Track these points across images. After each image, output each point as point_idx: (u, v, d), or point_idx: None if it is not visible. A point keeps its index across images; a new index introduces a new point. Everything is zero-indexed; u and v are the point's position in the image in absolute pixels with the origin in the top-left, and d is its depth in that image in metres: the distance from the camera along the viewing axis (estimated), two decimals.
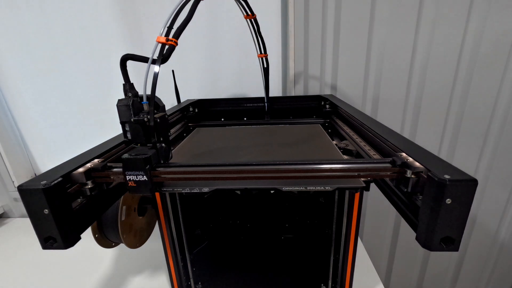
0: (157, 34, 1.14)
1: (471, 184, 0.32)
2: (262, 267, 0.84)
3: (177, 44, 0.53)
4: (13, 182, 1.21)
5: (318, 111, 1.00)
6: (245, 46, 1.04)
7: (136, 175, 0.43)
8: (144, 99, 0.49)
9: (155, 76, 0.49)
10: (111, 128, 1.16)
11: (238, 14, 1.03)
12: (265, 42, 0.83)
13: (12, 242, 1.10)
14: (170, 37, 0.51)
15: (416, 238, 0.37)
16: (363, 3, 1.03)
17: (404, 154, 0.42)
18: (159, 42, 0.51)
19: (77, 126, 1.18)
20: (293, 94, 1.18)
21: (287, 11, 1.08)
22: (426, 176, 0.36)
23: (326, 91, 1.16)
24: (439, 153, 1.18)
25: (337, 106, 0.87)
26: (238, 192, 0.86)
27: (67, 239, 0.37)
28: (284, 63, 1.14)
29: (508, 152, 1.13)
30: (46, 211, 0.35)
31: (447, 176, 0.32)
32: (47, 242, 0.37)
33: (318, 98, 0.99)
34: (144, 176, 0.43)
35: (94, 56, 1.09)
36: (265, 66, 0.95)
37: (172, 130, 0.83)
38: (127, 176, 0.43)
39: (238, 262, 0.87)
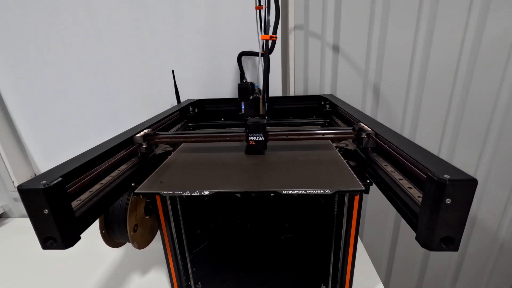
0: (158, 34, 1.16)
1: (471, 184, 0.32)
2: (262, 267, 0.84)
3: (277, 38, 0.68)
4: (13, 182, 1.21)
5: (318, 111, 1.00)
6: (246, 46, 1.04)
7: (256, 136, 0.59)
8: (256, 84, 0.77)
9: (265, 65, 0.66)
10: (111, 128, 1.16)
11: (238, 13, 1.03)
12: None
13: (12, 242, 1.10)
14: (271, 34, 0.66)
15: (416, 238, 0.37)
16: (363, 2, 1.03)
17: (361, 124, 0.59)
18: (264, 39, 0.65)
19: (76, 126, 1.18)
20: (293, 94, 1.18)
21: (287, 10, 1.08)
22: (374, 138, 0.54)
23: (326, 91, 1.16)
24: (439, 153, 1.18)
25: (336, 106, 0.87)
26: (238, 195, 0.86)
27: (67, 239, 0.37)
28: (284, 63, 1.14)
29: (508, 152, 1.13)
30: (46, 211, 0.35)
31: (447, 176, 0.32)
32: (47, 242, 0.37)
33: (318, 98, 0.99)
34: (262, 137, 0.59)
35: (93, 57, 1.09)
36: (266, 65, 0.95)
37: (171, 130, 0.83)
38: (250, 136, 0.59)
39: (238, 262, 0.86)
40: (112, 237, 0.64)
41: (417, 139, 1.17)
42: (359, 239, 0.69)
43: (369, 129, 0.56)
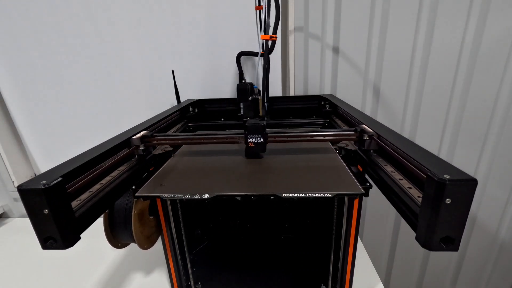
0: (157, 34, 1.16)
1: (471, 184, 0.32)
2: (262, 267, 0.84)
3: (277, 38, 0.68)
4: (13, 182, 1.21)
5: (318, 111, 1.00)
6: (246, 46, 1.04)
7: (255, 138, 0.57)
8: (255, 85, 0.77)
9: (264, 65, 0.66)
10: (111, 128, 1.16)
11: (238, 13, 1.03)
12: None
13: (12, 242, 1.10)
14: (271, 34, 0.66)
15: (416, 238, 0.37)
16: (363, 3, 1.03)
17: (363, 125, 0.59)
18: (264, 39, 0.65)
19: (76, 126, 1.18)
20: (293, 94, 1.18)
21: (287, 10, 1.08)
22: (377, 139, 0.53)
23: (326, 91, 1.16)
24: (439, 153, 1.18)
25: (336, 106, 0.87)
26: (239, 198, 0.86)
27: (67, 239, 0.37)
28: (284, 63, 1.14)
29: (508, 152, 1.13)
30: (46, 211, 0.35)
31: (446, 176, 0.32)
32: (47, 242, 0.37)
33: (318, 98, 0.99)
34: (261, 138, 0.57)
35: (93, 57, 1.09)
36: (266, 66, 0.95)
37: (171, 131, 0.83)
38: (249, 138, 0.57)
39: (238, 262, 0.86)
40: (117, 238, 0.64)
41: (417, 139, 1.17)
42: (359, 239, 0.69)
43: (371, 130, 0.56)
